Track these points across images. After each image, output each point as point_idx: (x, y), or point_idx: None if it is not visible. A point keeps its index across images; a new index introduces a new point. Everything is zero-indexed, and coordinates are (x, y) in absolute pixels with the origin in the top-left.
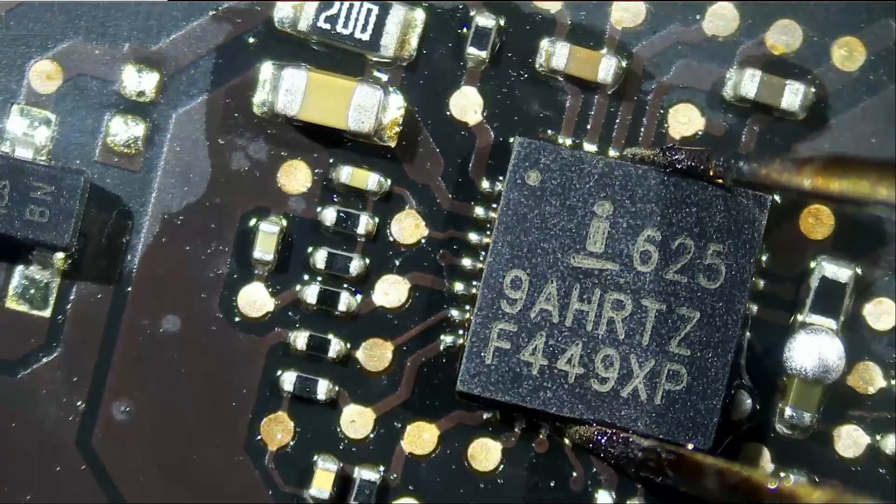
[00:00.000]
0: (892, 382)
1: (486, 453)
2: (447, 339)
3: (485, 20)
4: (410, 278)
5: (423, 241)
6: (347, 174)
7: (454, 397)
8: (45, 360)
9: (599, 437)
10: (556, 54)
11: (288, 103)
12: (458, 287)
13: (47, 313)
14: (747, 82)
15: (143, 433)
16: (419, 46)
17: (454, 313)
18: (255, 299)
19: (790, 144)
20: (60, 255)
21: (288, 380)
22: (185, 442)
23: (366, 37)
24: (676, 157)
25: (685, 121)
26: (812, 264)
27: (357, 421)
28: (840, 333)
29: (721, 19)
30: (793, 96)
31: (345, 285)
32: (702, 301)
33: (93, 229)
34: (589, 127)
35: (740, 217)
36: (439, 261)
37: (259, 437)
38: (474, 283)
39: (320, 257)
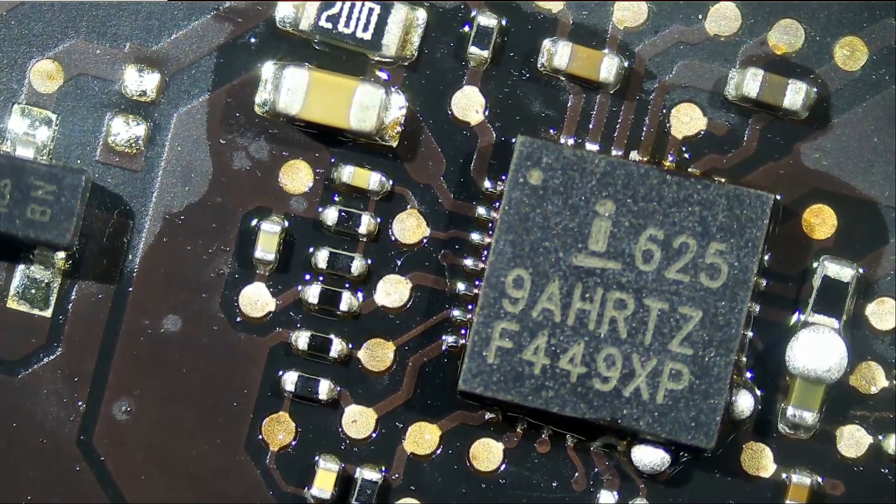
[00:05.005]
0: (895, 382)
1: (487, 453)
2: (449, 339)
3: (486, 20)
4: (412, 278)
5: (424, 240)
6: (349, 174)
7: (456, 397)
8: (46, 359)
9: None
10: (557, 54)
11: (289, 103)
12: (460, 287)
13: (48, 313)
14: (749, 82)
15: (143, 433)
16: (421, 46)
17: (456, 313)
18: (257, 299)
19: (792, 144)
20: (61, 254)
21: (289, 380)
22: (186, 442)
23: (367, 36)
24: None
25: (687, 120)
26: (814, 264)
27: (358, 421)
28: (842, 333)
29: (723, 19)
30: (795, 95)
31: (346, 285)
32: (704, 300)
33: (94, 229)
34: (591, 126)
35: (743, 216)
36: (441, 260)
37: (260, 437)
38: (476, 282)
39: (322, 257)
